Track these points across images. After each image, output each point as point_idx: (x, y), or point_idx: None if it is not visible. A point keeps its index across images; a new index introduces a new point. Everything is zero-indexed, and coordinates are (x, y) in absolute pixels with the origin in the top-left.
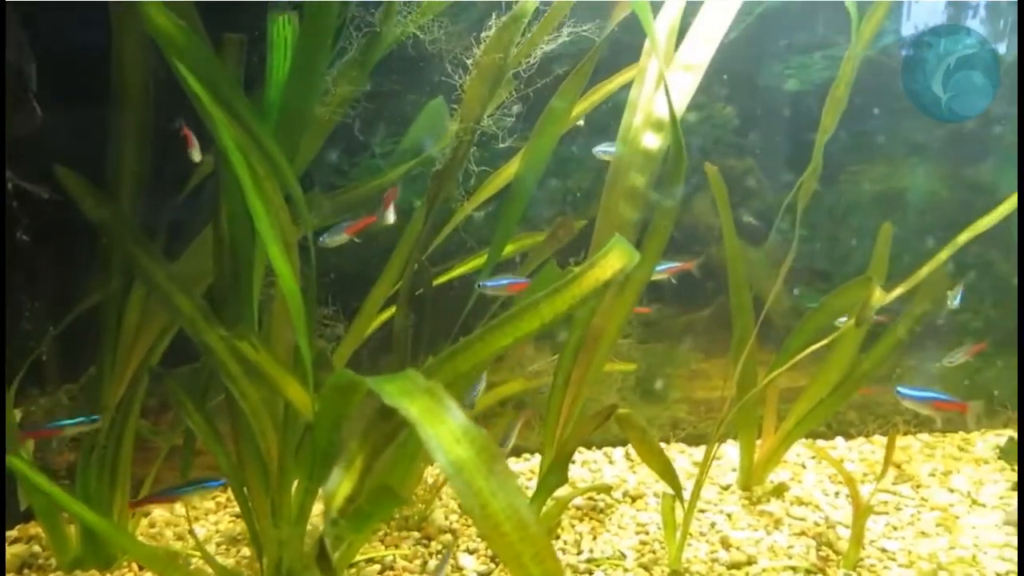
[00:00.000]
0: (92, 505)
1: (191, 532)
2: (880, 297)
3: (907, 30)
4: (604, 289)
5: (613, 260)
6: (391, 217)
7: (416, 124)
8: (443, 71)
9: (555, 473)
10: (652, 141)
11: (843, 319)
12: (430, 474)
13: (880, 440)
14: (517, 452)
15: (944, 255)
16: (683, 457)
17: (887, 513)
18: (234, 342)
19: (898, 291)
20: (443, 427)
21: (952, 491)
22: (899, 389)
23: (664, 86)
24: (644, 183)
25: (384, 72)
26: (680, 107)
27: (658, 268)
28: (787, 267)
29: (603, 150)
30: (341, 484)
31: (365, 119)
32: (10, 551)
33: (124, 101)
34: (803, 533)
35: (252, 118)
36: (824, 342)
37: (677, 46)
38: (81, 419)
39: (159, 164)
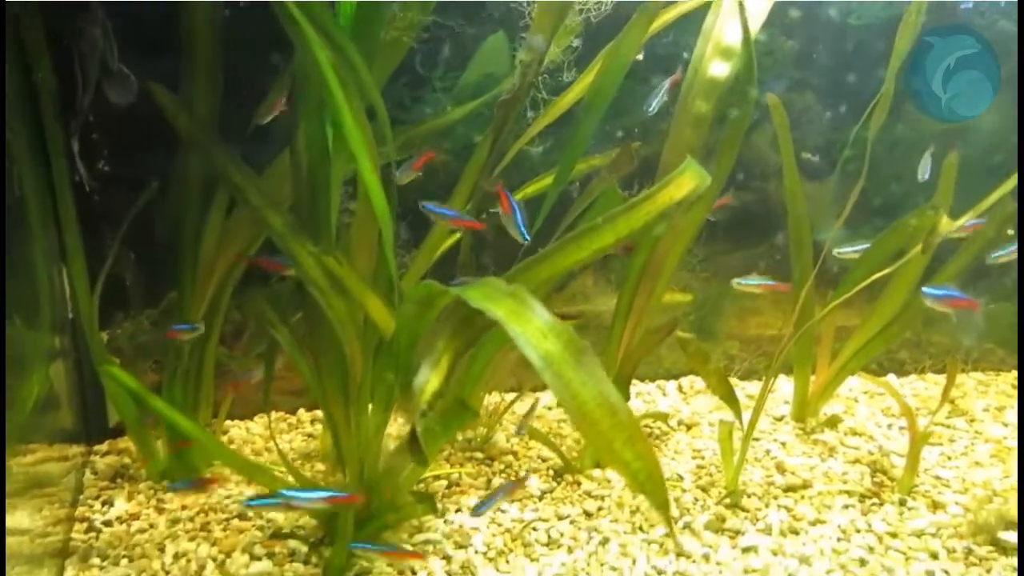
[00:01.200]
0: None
1: (276, 446)
2: (947, 224)
3: None
4: (676, 208)
5: (687, 180)
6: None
7: (476, 59)
8: (504, 6)
9: (618, 390)
10: (720, 69)
11: None
12: (490, 401)
13: (933, 378)
14: None
15: (1009, 185)
16: (736, 391)
17: (941, 444)
18: (321, 256)
19: (965, 218)
20: (530, 325)
21: (1006, 425)
22: (923, 289)
23: (740, 4)
24: (709, 110)
25: (444, 6)
26: (752, 31)
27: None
28: (852, 201)
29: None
30: (429, 380)
31: (426, 54)
32: (102, 462)
33: (193, 44)
34: (857, 461)
35: (341, 36)
36: (885, 271)
37: None
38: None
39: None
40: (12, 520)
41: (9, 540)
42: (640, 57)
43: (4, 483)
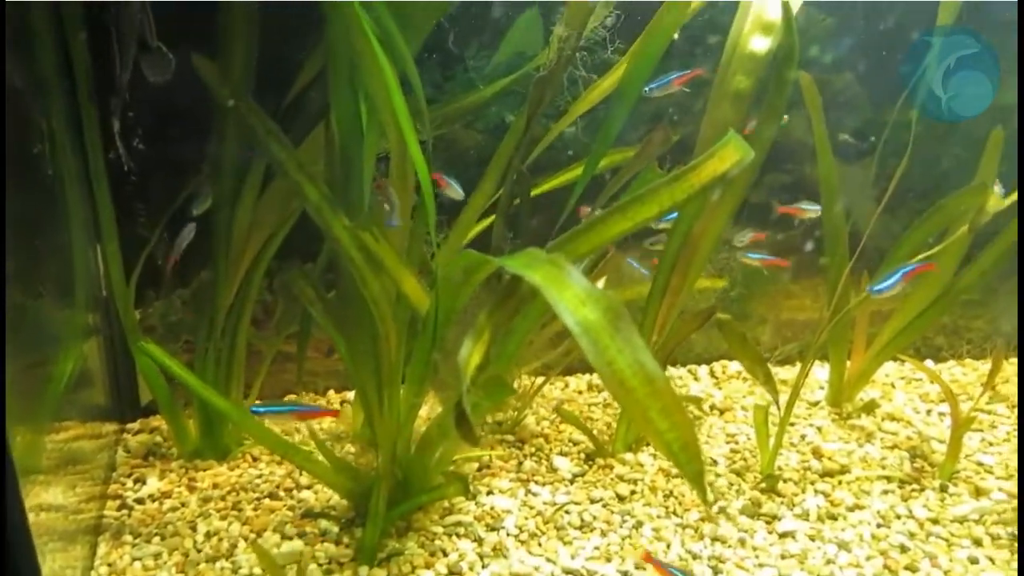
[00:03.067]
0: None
1: (308, 426)
2: (997, 202)
3: None
4: (720, 181)
5: (730, 153)
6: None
7: (509, 37)
8: None
9: None
10: (760, 44)
11: None
12: (520, 384)
13: (972, 363)
14: None
15: None
16: None
17: (982, 430)
18: (357, 232)
19: (1015, 196)
20: (568, 291)
21: None
22: (871, 287)
23: None
24: (749, 85)
25: None
26: (795, 5)
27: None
28: (895, 184)
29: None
30: (472, 354)
31: (459, 32)
32: (135, 440)
33: (229, 20)
34: (896, 446)
35: (386, 15)
36: (930, 252)
37: None
38: None
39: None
40: (47, 496)
41: (44, 516)
42: (675, 36)
43: (4, 484)
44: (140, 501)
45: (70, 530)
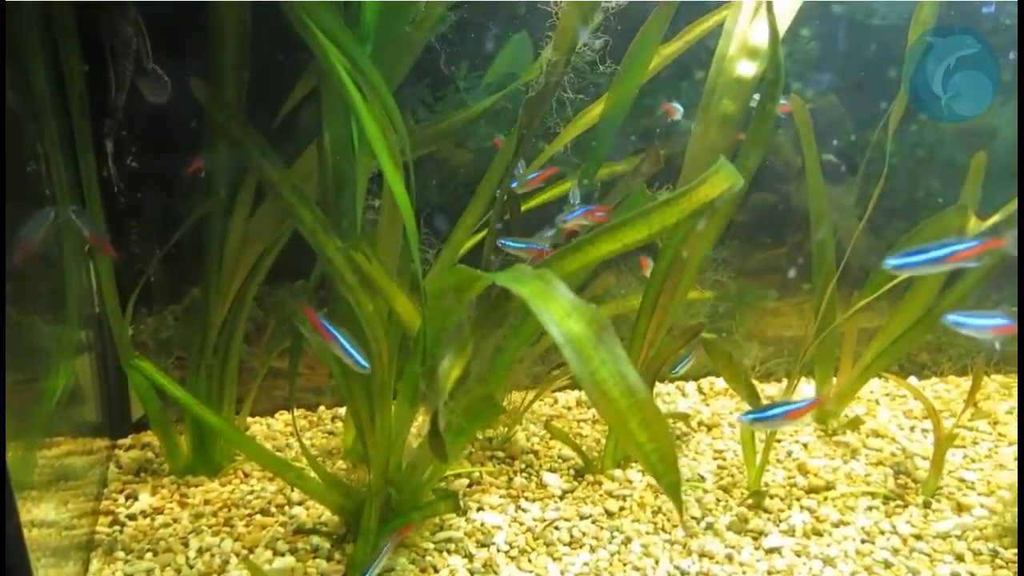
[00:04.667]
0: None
1: (300, 442)
2: (976, 225)
3: None
4: (709, 207)
5: (721, 179)
6: None
7: (499, 58)
8: (529, 5)
9: None
10: (746, 68)
11: None
12: (510, 401)
13: (955, 379)
14: None
15: None
16: None
17: (964, 447)
18: (350, 253)
19: (994, 219)
20: (554, 304)
21: None
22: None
23: (768, 5)
24: (736, 110)
25: (469, 6)
26: (780, 30)
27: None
28: (874, 203)
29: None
30: (452, 367)
31: (450, 53)
32: (126, 456)
33: (220, 41)
34: (880, 463)
35: (354, 47)
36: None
37: None
38: None
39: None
40: (39, 512)
41: (36, 533)
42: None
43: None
44: (132, 517)
45: (63, 546)
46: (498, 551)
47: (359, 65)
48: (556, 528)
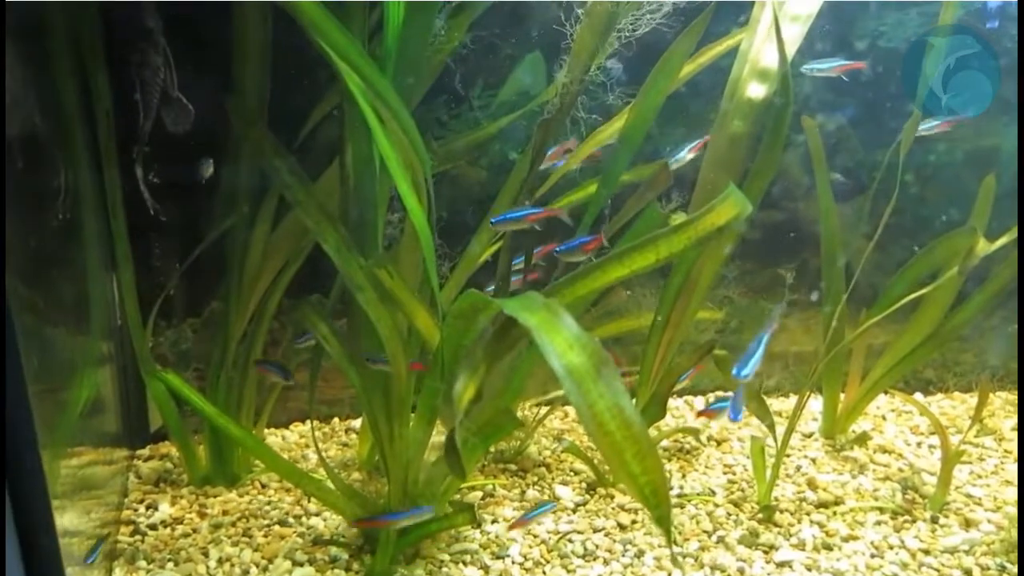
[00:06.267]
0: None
1: (318, 453)
2: (984, 246)
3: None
4: (717, 234)
5: (729, 207)
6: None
7: (513, 78)
8: (542, 25)
9: (655, 405)
10: (757, 90)
11: None
12: (523, 413)
13: (960, 396)
14: None
15: None
16: None
17: (971, 463)
18: (372, 270)
19: (1002, 240)
20: (558, 335)
21: None
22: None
23: (775, 30)
24: (747, 130)
25: (483, 26)
26: (788, 54)
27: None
28: (884, 221)
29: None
30: (467, 387)
31: (465, 73)
32: (146, 466)
33: (244, 57)
34: (887, 478)
35: (373, 72)
36: (924, 291)
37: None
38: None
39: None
40: (63, 521)
41: (61, 541)
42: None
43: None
44: (153, 527)
45: (86, 555)
46: (513, 563)
47: (378, 90)
48: (570, 541)
